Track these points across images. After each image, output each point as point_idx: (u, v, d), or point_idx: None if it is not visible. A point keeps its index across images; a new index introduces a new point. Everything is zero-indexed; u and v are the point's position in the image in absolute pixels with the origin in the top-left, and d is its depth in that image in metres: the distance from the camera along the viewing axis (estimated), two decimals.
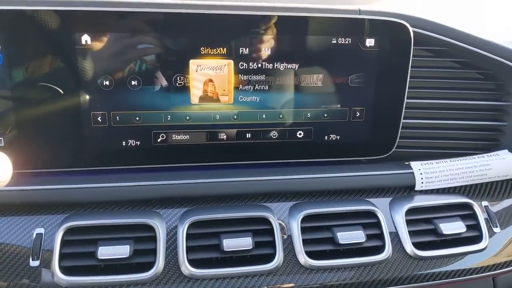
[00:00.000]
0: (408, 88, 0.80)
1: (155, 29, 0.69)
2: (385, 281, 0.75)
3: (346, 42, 0.75)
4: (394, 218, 0.79)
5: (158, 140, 0.74)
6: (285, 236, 0.73)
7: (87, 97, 0.70)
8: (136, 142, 0.74)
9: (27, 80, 0.68)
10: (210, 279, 0.69)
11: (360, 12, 0.76)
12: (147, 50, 0.70)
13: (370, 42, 0.76)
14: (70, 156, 0.73)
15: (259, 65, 0.73)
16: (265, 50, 0.73)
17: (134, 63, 0.70)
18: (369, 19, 0.75)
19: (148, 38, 0.69)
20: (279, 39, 0.73)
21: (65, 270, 0.65)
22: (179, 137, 0.75)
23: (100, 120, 0.71)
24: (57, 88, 0.68)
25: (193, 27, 0.70)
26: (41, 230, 0.68)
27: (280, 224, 0.74)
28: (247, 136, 0.77)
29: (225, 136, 0.76)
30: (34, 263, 0.66)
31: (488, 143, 0.91)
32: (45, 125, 0.70)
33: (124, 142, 0.73)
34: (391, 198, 0.82)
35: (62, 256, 0.66)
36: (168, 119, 0.73)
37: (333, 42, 0.75)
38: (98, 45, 0.68)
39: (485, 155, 0.87)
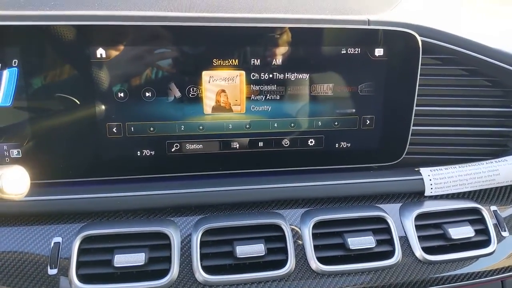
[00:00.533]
0: (417, 96, 0.81)
1: (168, 42, 0.71)
2: (395, 285, 0.76)
3: (356, 52, 0.76)
4: (403, 224, 0.80)
5: (172, 150, 0.76)
6: (301, 242, 0.75)
7: (103, 108, 0.71)
8: (151, 152, 0.75)
9: (44, 92, 0.70)
10: (224, 286, 0.71)
11: (369, 22, 0.78)
12: (160, 62, 0.72)
13: (379, 51, 0.77)
14: (86, 166, 0.74)
15: (270, 76, 0.75)
16: (276, 60, 0.74)
17: (148, 75, 0.71)
18: (378, 29, 0.76)
19: (161, 50, 0.71)
20: (290, 49, 0.74)
21: (82, 278, 0.67)
22: (192, 147, 0.76)
23: (115, 131, 0.73)
24: (74, 99, 0.70)
25: (205, 39, 0.71)
26: (58, 239, 0.70)
27: (293, 230, 0.75)
28: (260, 145, 0.79)
29: (238, 145, 0.78)
30: (52, 272, 0.68)
31: (496, 148, 0.92)
32: (61, 136, 0.72)
33: (139, 152, 0.75)
34: (401, 204, 0.83)
35: (79, 264, 0.67)
36: (182, 129, 0.75)
37: (342, 52, 0.76)
38: (112, 58, 0.70)
39: (493, 160, 0.88)
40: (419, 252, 0.78)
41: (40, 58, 0.68)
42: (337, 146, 0.82)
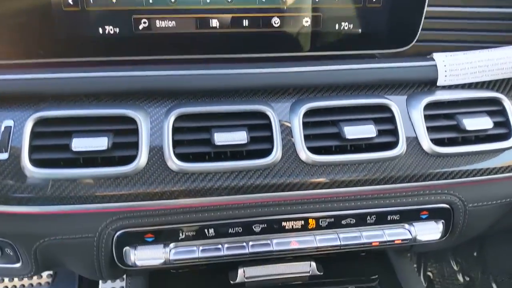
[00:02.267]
0: None
1: None
2: (397, 178, 0.69)
3: None
4: (410, 114, 0.71)
5: (140, 27, 0.66)
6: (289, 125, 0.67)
7: None
8: (115, 29, 0.66)
9: None
10: (200, 174, 0.64)
11: None
12: None
13: None
14: (42, 45, 0.66)
15: None
16: None
17: None
18: None
19: None
20: None
21: (37, 163, 0.62)
22: (164, 24, 0.67)
23: (71, 2, 0.63)
24: None
25: None
26: (10, 122, 0.64)
27: (280, 120, 0.67)
28: (244, 24, 0.69)
29: (218, 24, 0.68)
30: (2, 156, 0.62)
31: None
32: (11, 10, 0.63)
33: (101, 29, 0.66)
34: (408, 94, 0.73)
35: (32, 149, 0.62)
36: (150, 1, 0.65)
37: None
38: None
39: None
40: (426, 144, 0.69)
41: None
42: (337, 28, 0.71)
